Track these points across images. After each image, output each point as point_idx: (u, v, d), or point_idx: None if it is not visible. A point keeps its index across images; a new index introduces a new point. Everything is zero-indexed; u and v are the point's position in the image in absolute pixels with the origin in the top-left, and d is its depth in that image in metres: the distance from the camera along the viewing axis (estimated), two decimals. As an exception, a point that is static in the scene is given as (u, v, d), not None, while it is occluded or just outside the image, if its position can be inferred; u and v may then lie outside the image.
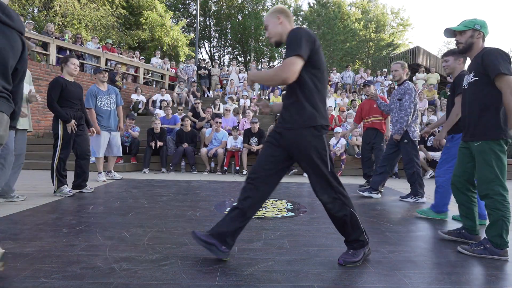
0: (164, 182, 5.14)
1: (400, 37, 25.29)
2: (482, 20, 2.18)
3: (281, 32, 1.91)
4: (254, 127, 6.61)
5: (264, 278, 1.69)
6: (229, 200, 3.79)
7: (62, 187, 3.76)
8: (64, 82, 3.72)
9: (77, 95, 3.84)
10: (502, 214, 2.02)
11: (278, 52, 26.04)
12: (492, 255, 2.05)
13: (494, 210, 2.04)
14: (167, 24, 18.21)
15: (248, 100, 10.57)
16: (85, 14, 15.20)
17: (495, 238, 2.05)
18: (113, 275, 1.67)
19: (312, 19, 21.84)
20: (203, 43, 27.03)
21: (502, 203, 2.02)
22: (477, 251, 2.08)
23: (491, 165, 2.04)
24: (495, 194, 2.03)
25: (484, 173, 2.06)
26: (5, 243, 2.10)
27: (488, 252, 2.05)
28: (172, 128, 7.50)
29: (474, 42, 2.17)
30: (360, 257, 1.89)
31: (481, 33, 2.17)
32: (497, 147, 2.05)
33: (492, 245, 2.06)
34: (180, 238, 2.30)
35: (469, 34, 2.17)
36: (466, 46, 2.19)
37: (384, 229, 2.72)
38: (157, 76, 12.81)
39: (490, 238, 2.07)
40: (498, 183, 2.03)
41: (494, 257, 2.05)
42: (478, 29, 2.16)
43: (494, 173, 2.04)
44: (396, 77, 4.00)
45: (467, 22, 2.19)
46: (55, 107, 3.66)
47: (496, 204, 2.03)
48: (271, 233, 2.51)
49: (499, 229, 2.03)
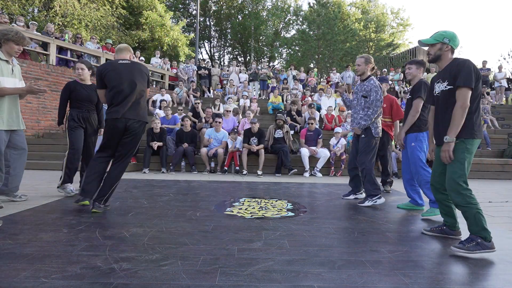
0: (164, 182, 5.14)
1: (400, 37, 25.33)
2: (451, 33, 2.35)
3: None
4: (254, 127, 6.61)
5: (264, 278, 1.69)
6: (229, 200, 3.79)
7: (66, 185, 3.80)
8: (73, 85, 3.86)
9: (86, 97, 3.86)
10: (475, 207, 2.12)
11: (278, 52, 26.06)
12: (485, 249, 2.10)
13: (467, 206, 2.13)
14: (167, 24, 18.22)
15: (248, 100, 10.58)
16: (85, 14, 15.21)
17: (481, 232, 2.11)
18: (113, 275, 1.67)
19: (312, 19, 21.85)
20: (203, 43, 27.05)
21: (470, 197, 2.14)
22: (471, 248, 2.10)
23: (463, 163, 2.18)
24: (463, 189, 2.15)
25: (455, 169, 2.19)
26: (5, 243, 2.10)
27: (481, 247, 2.10)
28: (172, 128, 7.50)
29: (442, 54, 2.35)
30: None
31: (449, 46, 2.33)
32: (469, 145, 2.20)
33: (482, 239, 2.11)
34: (180, 238, 2.30)
35: (438, 47, 2.35)
36: (434, 57, 2.38)
37: (384, 229, 2.72)
38: (157, 76, 12.81)
39: (477, 234, 2.13)
40: (464, 179, 2.17)
41: (486, 251, 2.10)
42: (446, 43, 2.33)
43: (463, 169, 2.18)
44: (359, 71, 3.77)
45: (437, 35, 2.36)
46: (59, 109, 3.88)
47: (467, 199, 2.13)
48: (271, 233, 2.51)
49: (480, 222, 2.11)
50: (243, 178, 5.99)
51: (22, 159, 3.34)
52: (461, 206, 2.15)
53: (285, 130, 6.92)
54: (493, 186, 5.64)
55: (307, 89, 11.80)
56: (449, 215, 2.51)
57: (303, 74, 13.06)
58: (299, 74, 13.03)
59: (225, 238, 2.34)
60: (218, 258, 1.94)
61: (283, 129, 6.91)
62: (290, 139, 7.07)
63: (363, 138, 3.72)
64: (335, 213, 3.23)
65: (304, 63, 21.81)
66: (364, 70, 3.74)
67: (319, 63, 21.74)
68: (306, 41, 21.50)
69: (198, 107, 8.63)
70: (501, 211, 3.55)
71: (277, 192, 4.46)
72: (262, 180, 5.79)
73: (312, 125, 6.96)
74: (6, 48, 3.04)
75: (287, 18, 26.11)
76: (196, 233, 2.44)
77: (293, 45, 23.77)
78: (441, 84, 2.35)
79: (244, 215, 3.07)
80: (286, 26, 26.72)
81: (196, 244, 2.19)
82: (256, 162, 6.62)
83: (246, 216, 3.01)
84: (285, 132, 6.91)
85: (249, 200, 3.82)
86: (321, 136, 6.96)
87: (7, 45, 3.03)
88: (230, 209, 3.31)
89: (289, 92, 11.59)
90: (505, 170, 6.90)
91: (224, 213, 3.11)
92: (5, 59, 3.06)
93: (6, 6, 13.41)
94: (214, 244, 2.19)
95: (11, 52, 3.08)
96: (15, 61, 3.23)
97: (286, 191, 4.52)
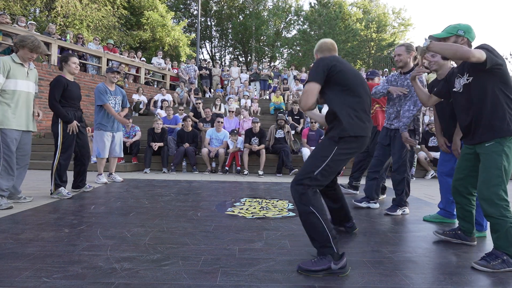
0: (165, 182, 5.14)
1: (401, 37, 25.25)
2: (466, 25, 2.10)
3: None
4: (255, 127, 6.61)
5: (265, 278, 1.69)
6: (230, 200, 3.79)
7: (60, 189, 3.66)
8: (66, 81, 3.69)
9: (77, 95, 3.82)
10: (509, 221, 1.87)
11: (279, 52, 26.05)
12: (510, 267, 1.86)
13: (501, 219, 1.87)
14: (168, 24, 18.22)
15: (249, 100, 10.58)
16: (86, 15, 15.23)
17: (509, 249, 1.87)
18: (114, 275, 1.68)
19: (313, 19, 21.84)
20: (204, 43, 27.06)
21: (507, 209, 1.88)
22: (497, 266, 1.86)
23: (500, 168, 1.90)
24: (500, 199, 1.88)
25: (491, 176, 1.91)
26: (7, 242, 2.11)
27: (506, 265, 1.86)
28: (173, 128, 7.51)
29: None
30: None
31: (464, 39, 2.10)
32: (506, 147, 1.91)
33: (508, 256, 1.88)
34: (181, 238, 2.30)
35: (452, 40, 2.11)
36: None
37: (385, 229, 2.72)
38: (158, 76, 12.83)
39: (503, 250, 1.89)
40: (503, 188, 1.89)
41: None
42: (461, 35, 2.09)
43: (501, 176, 1.90)
44: (401, 62, 3.21)
45: (450, 28, 2.12)
46: (57, 107, 3.62)
47: (502, 211, 1.87)
48: (272, 233, 2.50)
49: (511, 238, 1.87)
50: (244, 178, 5.99)
51: (24, 162, 3.38)
52: (494, 218, 1.89)
53: (286, 130, 6.92)
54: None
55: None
56: (467, 220, 2.29)
57: (304, 74, 13.04)
58: (299, 74, 13.02)
59: (226, 238, 2.34)
60: (219, 258, 1.94)
61: (284, 129, 6.91)
62: (291, 139, 7.07)
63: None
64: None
65: (305, 63, 21.79)
66: (407, 60, 3.17)
67: (320, 63, 21.69)
68: (307, 41, 21.48)
69: (199, 107, 8.63)
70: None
71: (278, 192, 4.45)
72: (263, 180, 5.79)
73: (314, 125, 6.95)
74: (21, 53, 3.26)
75: (288, 18, 26.08)
76: (197, 233, 2.44)
77: (294, 45, 23.76)
78: (461, 78, 2.11)
79: (245, 215, 3.07)
80: (287, 26, 26.70)
81: (197, 244, 2.19)
82: (257, 162, 6.62)
83: (247, 216, 3.01)
84: (286, 132, 6.90)
85: (250, 200, 3.82)
86: (322, 136, 6.96)
87: (22, 51, 3.25)
88: (231, 209, 3.31)
89: (290, 92, 11.59)
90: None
91: (225, 213, 3.11)
92: (20, 62, 3.25)
93: (8, 6, 13.44)
94: (215, 244, 2.19)
95: (25, 57, 3.28)
96: (32, 65, 3.39)
97: (287, 191, 4.52)
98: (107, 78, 4.81)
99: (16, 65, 3.21)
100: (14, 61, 3.21)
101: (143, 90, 10.48)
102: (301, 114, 8.83)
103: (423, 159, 6.67)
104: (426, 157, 6.66)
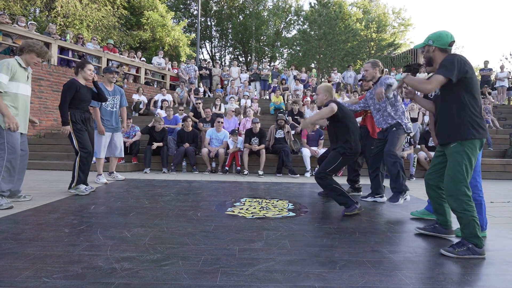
0: (165, 182, 5.14)
1: (401, 37, 25.27)
2: (435, 34, 2.30)
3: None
4: (255, 127, 6.61)
5: (265, 278, 1.69)
6: (230, 200, 3.79)
7: (80, 185, 3.87)
8: (78, 85, 3.89)
9: (86, 98, 4.00)
10: (471, 214, 2.08)
11: (279, 52, 26.05)
12: (475, 255, 2.07)
13: (463, 212, 2.09)
14: (168, 24, 18.23)
15: (249, 100, 10.57)
16: (86, 15, 15.24)
17: (473, 239, 2.09)
18: (114, 275, 1.68)
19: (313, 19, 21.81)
20: (204, 43, 27.07)
21: (468, 203, 2.09)
22: (461, 253, 2.08)
23: (461, 167, 2.12)
24: (462, 195, 2.09)
25: (455, 174, 2.12)
26: (7, 242, 2.11)
27: (471, 252, 2.07)
28: (173, 128, 7.51)
29: (431, 56, 2.34)
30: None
31: (433, 47, 2.30)
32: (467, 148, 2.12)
33: (473, 245, 2.09)
34: (181, 238, 2.31)
35: (426, 49, 2.36)
36: (427, 61, 2.38)
37: (385, 229, 2.72)
38: (158, 76, 12.82)
39: (469, 240, 2.10)
40: (465, 184, 2.11)
41: (476, 256, 2.07)
42: (431, 44, 2.31)
43: (463, 174, 2.11)
44: (368, 77, 3.78)
45: (425, 39, 2.37)
46: (63, 110, 3.80)
47: (463, 205, 2.08)
48: (272, 233, 2.51)
49: (473, 229, 2.08)
50: (244, 178, 5.99)
51: (24, 161, 3.42)
52: (457, 212, 2.11)
53: (286, 130, 6.91)
54: (495, 186, 5.62)
55: (308, 89, 11.79)
56: (441, 213, 2.48)
57: (304, 75, 13.05)
58: (299, 74, 13.02)
59: (226, 238, 2.34)
60: (219, 258, 1.94)
61: (284, 129, 6.91)
62: (291, 139, 7.06)
63: (394, 131, 3.58)
64: (336, 213, 3.23)
65: (305, 63, 21.78)
66: (373, 74, 3.77)
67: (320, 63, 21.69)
68: (307, 41, 21.46)
69: (200, 107, 8.63)
70: (502, 212, 3.54)
71: (278, 192, 4.45)
72: (263, 180, 5.79)
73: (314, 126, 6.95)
74: (26, 57, 3.26)
75: (288, 18, 26.09)
76: (197, 233, 2.44)
77: (294, 45, 23.74)
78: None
79: (245, 215, 3.07)
80: (287, 26, 26.70)
81: (197, 244, 2.19)
82: (257, 162, 6.62)
83: (247, 216, 3.01)
84: (286, 132, 6.90)
85: (250, 200, 3.82)
86: (322, 136, 6.95)
87: (29, 55, 3.25)
88: (231, 209, 3.32)
89: (290, 92, 11.58)
90: (507, 171, 6.87)
91: (225, 213, 3.11)
92: (24, 66, 3.27)
93: (8, 6, 13.44)
94: (215, 244, 2.19)
95: (30, 61, 3.30)
96: (29, 69, 3.41)
97: (287, 191, 4.52)
98: (105, 78, 4.82)
99: (20, 68, 3.24)
100: (20, 64, 3.23)
101: (143, 90, 10.48)
102: (301, 114, 8.83)
103: (423, 159, 6.66)
104: (426, 157, 6.65)
